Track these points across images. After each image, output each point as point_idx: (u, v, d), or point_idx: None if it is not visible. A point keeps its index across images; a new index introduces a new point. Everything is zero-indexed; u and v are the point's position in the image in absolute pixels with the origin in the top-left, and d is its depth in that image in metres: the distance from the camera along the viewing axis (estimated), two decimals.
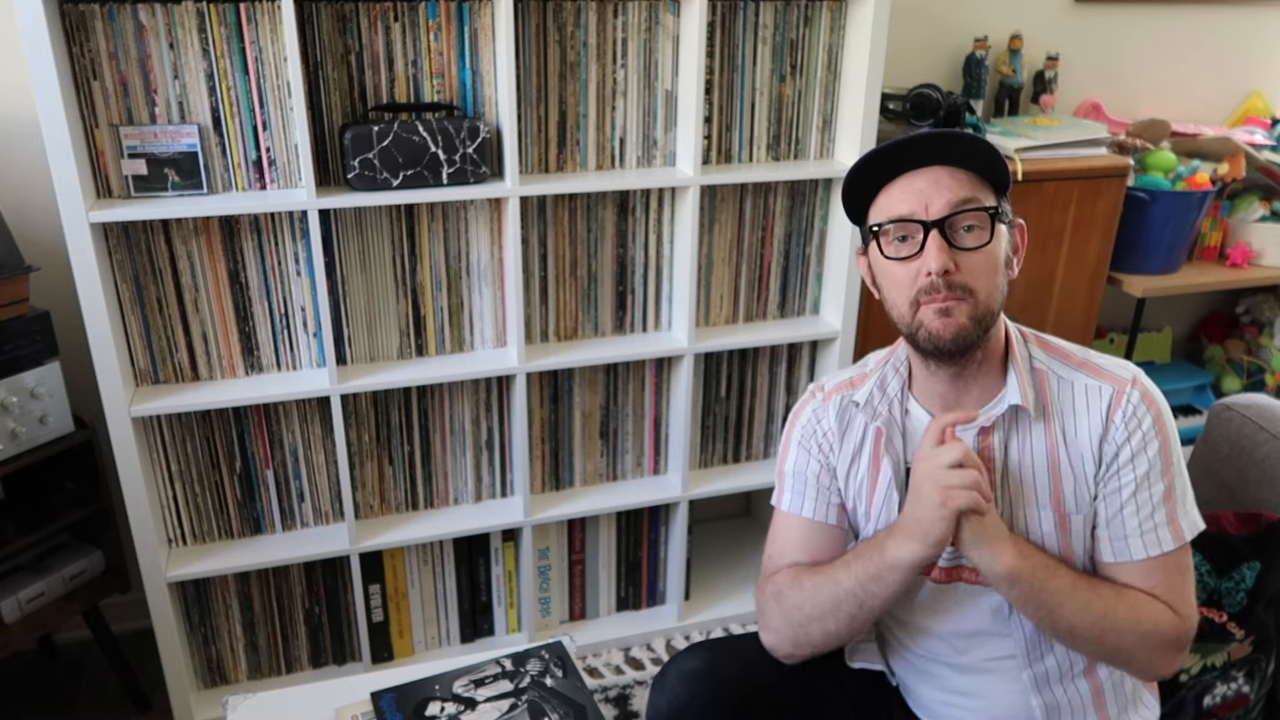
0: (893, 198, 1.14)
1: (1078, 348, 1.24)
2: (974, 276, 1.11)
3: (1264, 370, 2.81)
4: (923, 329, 1.13)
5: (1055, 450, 1.17)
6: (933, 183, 1.12)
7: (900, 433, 1.24)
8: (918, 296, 1.12)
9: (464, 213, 1.89)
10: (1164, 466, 1.15)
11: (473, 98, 1.82)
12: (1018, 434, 1.18)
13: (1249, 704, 1.46)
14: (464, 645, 2.20)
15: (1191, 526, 1.16)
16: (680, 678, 1.22)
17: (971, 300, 1.11)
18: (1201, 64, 2.74)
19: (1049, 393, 1.19)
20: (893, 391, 1.25)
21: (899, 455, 1.23)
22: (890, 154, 1.14)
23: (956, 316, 1.11)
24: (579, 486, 2.18)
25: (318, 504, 2.00)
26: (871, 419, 1.25)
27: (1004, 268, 1.15)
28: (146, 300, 1.77)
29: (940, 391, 1.21)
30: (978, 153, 1.12)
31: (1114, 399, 1.16)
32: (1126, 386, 1.16)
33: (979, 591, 1.21)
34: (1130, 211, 2.37)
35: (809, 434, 1.31)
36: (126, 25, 1.60)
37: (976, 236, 1.12)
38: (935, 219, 1.11)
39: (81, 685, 2.13)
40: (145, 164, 1.67)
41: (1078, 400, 1.18)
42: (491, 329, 1.99)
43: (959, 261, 1.11)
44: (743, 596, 2.36)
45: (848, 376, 1.32)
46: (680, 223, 1.99)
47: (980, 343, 1.15)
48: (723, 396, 2.23)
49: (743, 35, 1.93)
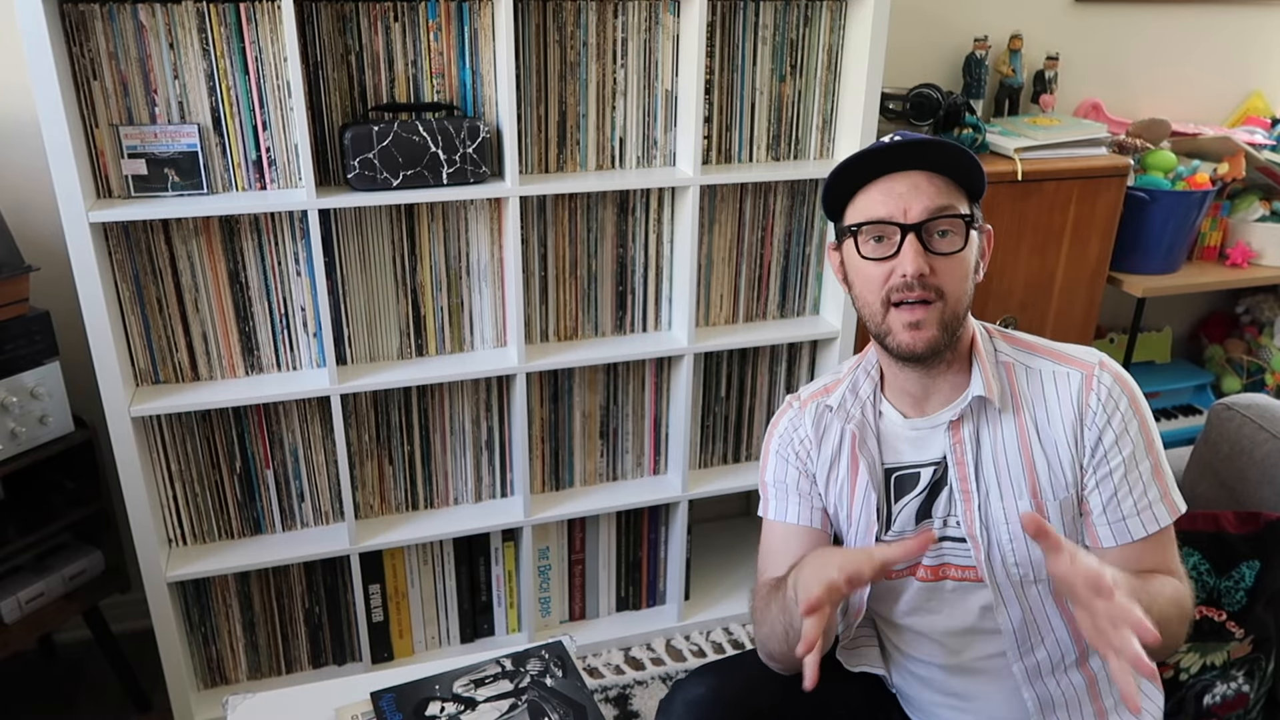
0: (872, 199, 1.17)
1: (1041, 339, 1.26)
2: (946, 280, 1.14)
3: (1264, 370, 2.81)
4: (892, 337, 1.17)
5: (1027, 439, 1.19)
6: (912, 187, 1.14)
7: (874, 434, 1.26)
8: (889, 295, 1.15)
9: (464, 213, 1.89)
10: (1146, 444, 1.18)
11: (473, 98, 1.82)
12: (988, 425, 1.20)
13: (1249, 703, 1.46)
14: (464, 645, 2.20)
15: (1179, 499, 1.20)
16: (686, 706, 1.24)
17: (941, 303, 1.14)
18: (1201, 64, 2.74)
19: (1017, 384, 1.21)
20: (865, 394, 1.28)
21: (874, 456, 1.25)
22: (873, 157, 1.16)
23: (926, 329, 1.14)
24: (579, 486, 2.18)
25: (318, 504, 2.00)
26: (845, 422, 1.27)
27: (973, 272, 1.19)
28: (146, 300, 1.77)
29: (910, 390, 1.23)
30: (956, 161, 1.15)
31: (1084, 383, 1.18)
32: (1094, 369, 1.19)
33: (967, 588, 1.22)
34: (1130, 211, 2.37)
35: (786, 443, 1.32)
36: (126, 25, 1.60)
37: (950, 242, 1.15)
38: (913, 223, 1.13)
39: (81, 685, 2.13)
40: (145, 164, 1.68)
41: (1046, 388, 1.20)
42: (491, 329, 1.99)
43: (933, 265, 1.14)
44: (742, 596, 2.36)
45: (822, 384, 1.35)
46: (680, 223, 1.99)
47: (950, 346, 1.18)
48: (723, 396, 2.23)
49: (743, 35, 1.93)
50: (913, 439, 1.24)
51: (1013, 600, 1.20)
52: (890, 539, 1.24)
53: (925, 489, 1.23)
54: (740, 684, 1.26)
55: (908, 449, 1.24)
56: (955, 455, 1.20)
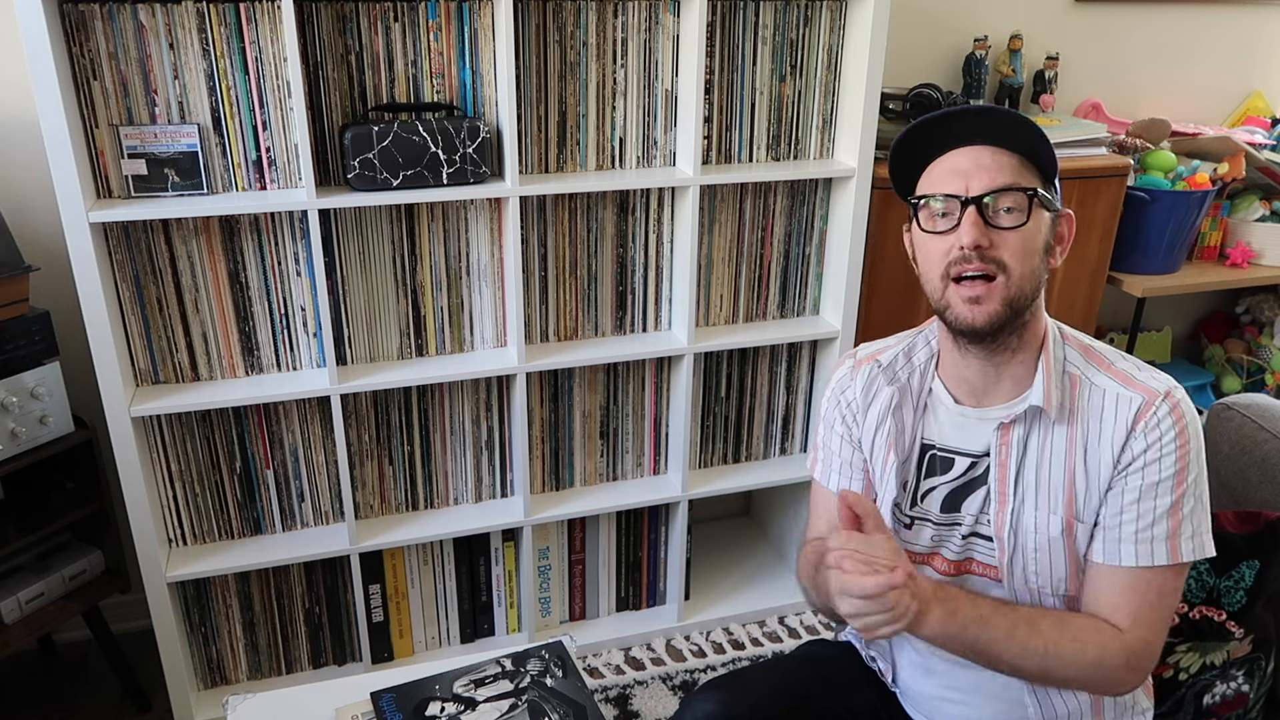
0: (936, 174, 1.15)
1: (1120, 355, 1.21)
2: (1008, 254, 1.11)
3: (1264, 370, 2.81)
4: (951, 310, 1.14)
5: (1074, 456, 1.16)
6: (975, 162, 1.12)
7: (914, 405, 1.24)
8: (949, 269, 1.13)
9: (464, 213, 1.89)
10: (1175, 481, 1.12)
11: (473, 98, 1.82)
12: (1039, 433, 1.17)
13: (1248, 703, 1.46)
14: (464, 645, 2.20)
15: (1196, 550, 1.13)
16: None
17: (1004, 278, 1.11)
18: (1201, 64, 2.74)
19: (1078, 398, 1.17)
20: (918, 361, 1.26)
21: (905, 424, 1.24)
22: (937, 126, 1.14)
23: (986, 303, 1.11)
24: (579, 486, 2.18)
25: (318, 504, 2.00)
26: (891, 382, 1.25)
27: (1043, 253, 1.15)
28: (146, 300, 1.77)
29: (969, 378, 1.20)
30: (1024, 135, 1.13)
31: (1141, 408, 1.14)
32: (1157, 399, 1.14)
33: (988, 584, 1.21)
34: (1130, 211, 2.37)
35: (833, 405, 1.33)
36: (126, 25, 1.60)
37: (1014, 218, 1.12)
38: (974, 196, 1.11)
39: (81, 685, 2.13)
40: (145, 164, 1.68)
41: (1105, 408, 1.16)
42: (491, 329, 1.99)
43: (994, 239, 1.11)
44: (743, 596, 2.36)
45: (884, 343, 1.33)
46: (680, 223, 1.99)
47: (1013, 327, 1.15)
48: (723, 396, 2.23)
49: (743, 35, 1.93)
50: (959, 424, 1.22)
51: None
52: (914, 517, 1.24)
53: (958, 478, 1.21)
54: (750, 700, 1.26)
55: (950, 431, 1.22)
56: (1000, 456, 1.18)
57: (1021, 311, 1.14)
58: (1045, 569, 1.17)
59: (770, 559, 2.50)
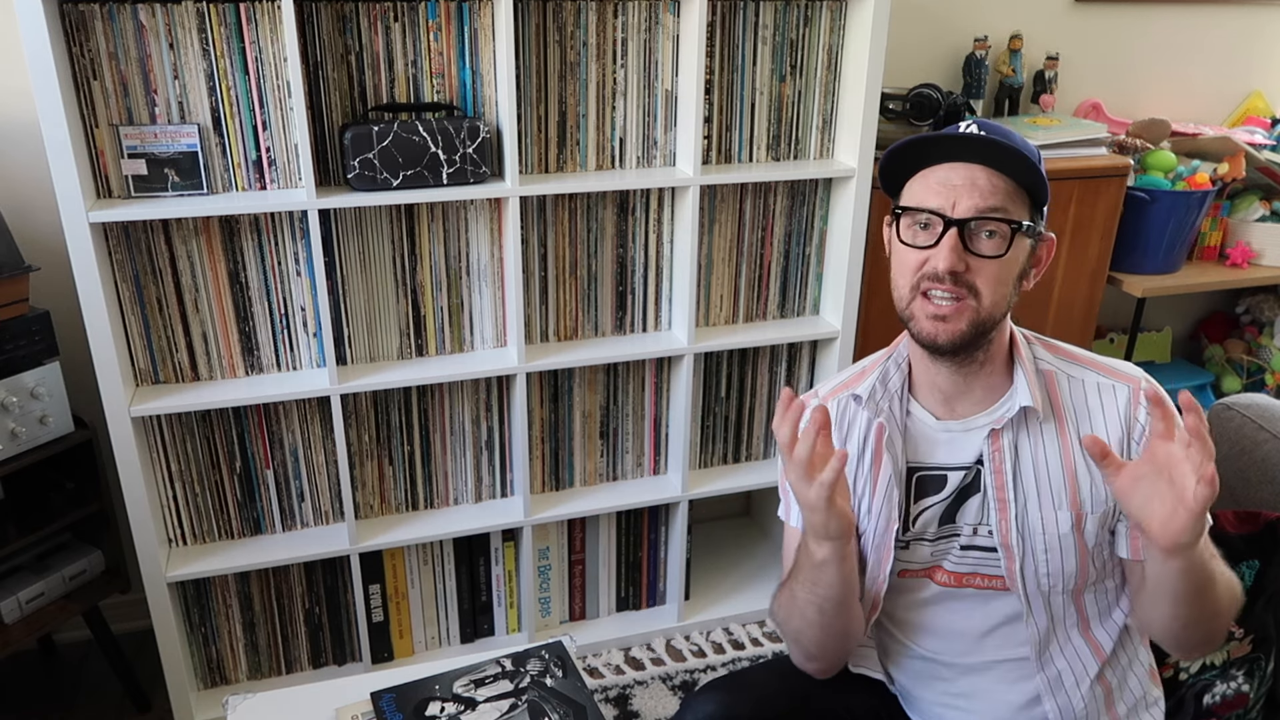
0: (927, 185, 1.15)
1: (1081, 349, 1.24)
2: (981, 280, 1.12)
3: (1264, 370, 2.81)
4: (915, 322, 1.15)
5: (1070, 450, 1.17)
6: (968, 182, 1.12)
7: (901, 431, 1.24)
8: (919, 282, 1.13)
9: (464, 213, 1.89)
10: None
11: (473, 98, 1.82)
12: (1028, 435, 1.18)
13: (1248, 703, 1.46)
14: (464, 645, 2.20)
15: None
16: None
17: (974, 302, 1.12)
18: (1201, 64, 2.74)
19: (1059, 393, 1.19)
20: (894, 388, 1.25)
21: (898, 454, 1.23)
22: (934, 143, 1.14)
23: (952, 323, 1.12)
24: (579, 486, 2.18)
25: (318, 504, 2.00)
26: (875, 415, 1.24)
27: (1017, 279, 1.15)
28: (146, 300, 1.77)
29: (942, 387, 1.21)
30: (1022, 167, 1.12)
31: (1132, 398, 1.16)
32: (1140, 385, 1.17)
33: (989, 595, 1.21)
34: (1130, 211, 2.37)
35: None
36: (126, 25, 1.60)
37: (994, 245, 1.12)
38: (958, 218, 1.11)
39: (81, 685, 2.13)
40: (145, 164, 1.68)
41: (1090, 398, 1.18)
42: (491, 329, 1.99)
43: (970, 264, 1.11)
44: (742, 596, 2.36)
45: (843, 379, 1.32)
46: (680, 223, 1.99)
47: (978, 345, 1.15)
48: (723, 396, 2.23)
49: (743, 35, 1.93)
50: (945, 441, 1.22)
51: (1040, 610, 1.20)
52: (909, 540, 1.23)
53: (952, 494, 1.21)
54: (750, 700, 1.26)
55: (936, 450, 1.22)
56: (993, 464, 1.18)
57: (988, 332, 1.15)
58: (1057, 567, 1.17)
59: (770, 559, 2.50)
